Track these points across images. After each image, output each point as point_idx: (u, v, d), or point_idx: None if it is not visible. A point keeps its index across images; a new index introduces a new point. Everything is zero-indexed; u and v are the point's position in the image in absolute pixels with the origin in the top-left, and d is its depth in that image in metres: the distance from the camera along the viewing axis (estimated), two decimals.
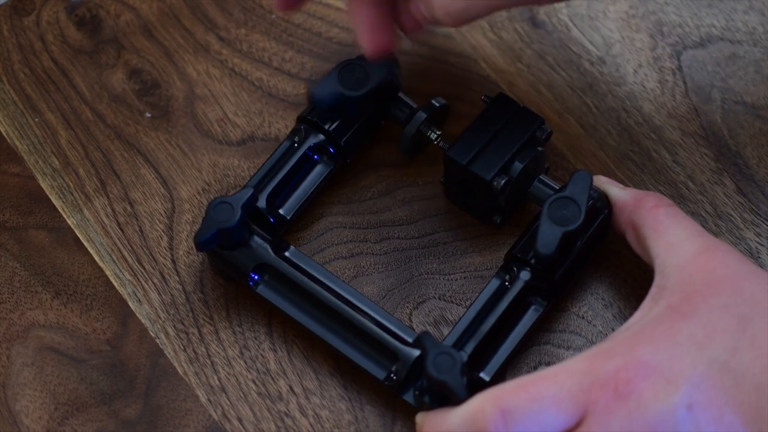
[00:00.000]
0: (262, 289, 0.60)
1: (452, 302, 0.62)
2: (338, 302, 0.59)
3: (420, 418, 0.57)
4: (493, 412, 0.52)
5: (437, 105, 0.63)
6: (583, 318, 0.61)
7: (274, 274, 0.60)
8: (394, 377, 0.58)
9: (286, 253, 0.61)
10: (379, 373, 0.58)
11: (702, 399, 0.51)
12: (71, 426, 0.60)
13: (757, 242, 0.63)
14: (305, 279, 0.60)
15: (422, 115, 0.62)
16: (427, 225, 0.64)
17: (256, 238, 0.60)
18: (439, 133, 0.63)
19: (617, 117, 0.67)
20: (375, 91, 0.62)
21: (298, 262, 0.60)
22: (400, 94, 0.64)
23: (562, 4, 0.70)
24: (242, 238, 0.60)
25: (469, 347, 0.57)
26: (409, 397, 0.58)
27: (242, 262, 0.60)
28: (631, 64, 0.68)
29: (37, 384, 0.61)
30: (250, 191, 0.60)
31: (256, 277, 0.60)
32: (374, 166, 0.65)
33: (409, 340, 0.58)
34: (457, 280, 0.62)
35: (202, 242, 0.59)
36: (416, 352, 0.57)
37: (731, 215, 0.63)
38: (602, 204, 0.59)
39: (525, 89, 0.68)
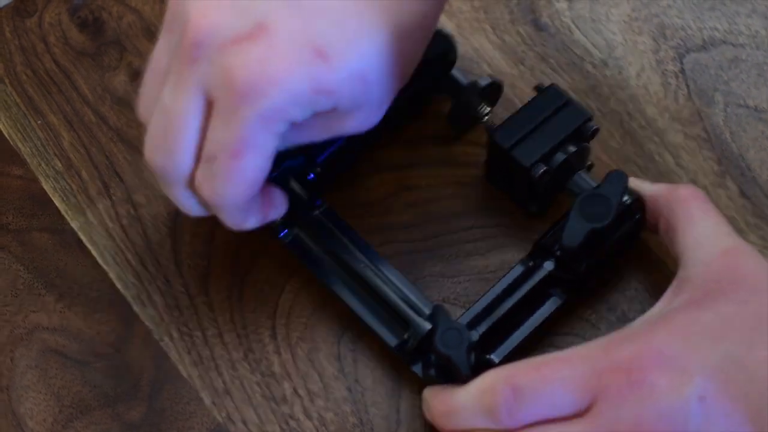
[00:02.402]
0: (289, 243, 0.61)
1: (456, 305, 0.62)
2: (362, 264, 0.60)
3: (428, 392, 0.57)
4: (504, 389, 0.52)
5: (487, 82, 0.64)
6: (587, 321, 0.61)
7: (304, 228, 0.61)
8: (405, 347, 0.58)
9: (318, 212, 0.62)
10: (391, 340, 0.59)
11: (714, 392, 0.51)
12: (75, 428, 0.60)
13: (761, 245, 0.63)
14: (333, 237, 0.60)
15: (474, 88, 0.63)
16: (430, 228, 0.64)
17: (291, 192, 0.61)
18: (489, 109, 0.64)
19: (620, 120, 0.67)
20: (426, 65, 0.60)
21: (329, 220, 0.61)
22: (454, 71, 0.65)
23: (565, 6, 0.70)
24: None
25: (482, 328, 0.58)
26: (417, 369, 0.58)
27: None
28: (633, 67, 0.68)
29: (41, 386, 0.60)
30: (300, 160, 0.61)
31: (285, 231, 0.61)
32: (379, 168, 0.65)
33: (426, 312, 0.59)
34: (461, 282, 0.63)
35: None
36: (429, 325, 0.58)
37: (734, 218, 0.64)
38: (636, 207, 0.59)
39: (528, 92, 0.68)
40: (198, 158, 0.54)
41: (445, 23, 0.70)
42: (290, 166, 0.61)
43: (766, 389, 0.51)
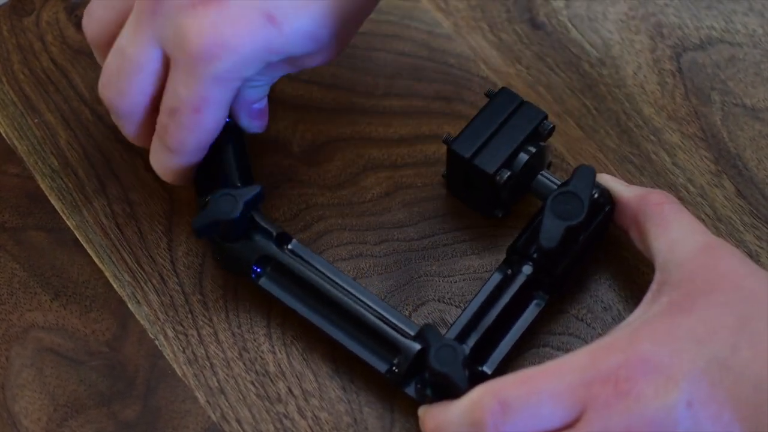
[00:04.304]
0: (264, 282, 0.60)
1: (451, 304, 0.62)
2: (340, 294, 0.59)
3: (422, 411, 0.57)
4: (492, 403, 0.52)
5: None
6: (582, 320, 0.61)
7: (277, 267, 0.60)
8: (396, 370, 0.58)
9: (289, 246, 0.61)
10: (381, 366, 0.58)
11: (701, 396, 0.51)
12: (70, 427, 0.60)
13: (757, 245, 0.63)
14: (307, 271, 0.60)
15: None
16: (426, 227, 0.64)
17: (259, 231, 0.60)
18: None
19: (617, 119, 0.67)
20: None
21: (301, 255, 0.60)
22: None
23: (561, 5, 0.70)
24: (245, 230, 0.60)
25: (471, 340, 0.58)
26: (410, 390, 0.58)
27: (245, 254, 0.60)
28: (630, 65, 0.68)
29: (36, 385, 0.61)
30: (257, 189, 0.59)
31: (258, 270, 0.60)
32: (374, 167, 0.65)
33: (411, 333, 0.58)
34: (456, 282, 0.62)
35: (198, 228, 0.59)
36: (418, 346, 0.57)
37: (731, 218, 0.63)
38: (605, 199, 0.59)
39: (524, 90, 0.68)
40: (154, 102, 0.59)
41: (442, 22, 0.70)
42: (250, 200, 0.59)
43: (753, 389, 0.51)
